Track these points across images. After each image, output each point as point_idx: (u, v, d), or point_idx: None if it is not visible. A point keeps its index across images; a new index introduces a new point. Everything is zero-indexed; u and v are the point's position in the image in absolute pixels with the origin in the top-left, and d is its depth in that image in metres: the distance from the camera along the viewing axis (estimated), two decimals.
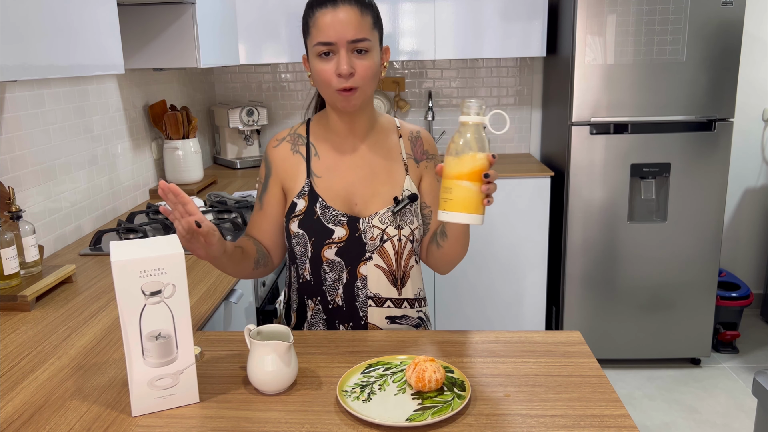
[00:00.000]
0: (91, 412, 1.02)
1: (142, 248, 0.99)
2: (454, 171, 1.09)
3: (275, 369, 1.04)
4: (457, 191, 1.09)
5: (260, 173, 1.38)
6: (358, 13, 1.20)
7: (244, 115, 3.30)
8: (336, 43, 1.19)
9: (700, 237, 3.01)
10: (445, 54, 3.19)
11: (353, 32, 1.19)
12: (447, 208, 1.10)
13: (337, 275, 1.33)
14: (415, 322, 1.40)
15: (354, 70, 1.20)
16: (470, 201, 1.09)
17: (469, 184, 1.08)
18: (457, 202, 1.09)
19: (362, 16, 1.20)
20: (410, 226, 1.32)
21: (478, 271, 3.22)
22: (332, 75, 1.21)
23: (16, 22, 1.25)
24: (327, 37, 1.19)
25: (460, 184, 1.09)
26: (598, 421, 0.97)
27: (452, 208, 1.10)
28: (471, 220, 1.10)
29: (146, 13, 2.32)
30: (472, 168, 1.08)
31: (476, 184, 1.08)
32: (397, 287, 1.35)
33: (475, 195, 1.09)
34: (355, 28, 1.19)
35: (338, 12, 1.19)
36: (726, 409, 2.79)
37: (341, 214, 1.30)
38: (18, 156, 1.84)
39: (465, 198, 1.09)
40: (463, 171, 1.08)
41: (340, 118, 1.31)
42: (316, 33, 1.21)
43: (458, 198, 1.09)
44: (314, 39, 1.21)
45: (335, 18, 1.19)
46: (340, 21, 1.18)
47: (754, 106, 3.58)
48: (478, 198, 1.09)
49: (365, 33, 1.21)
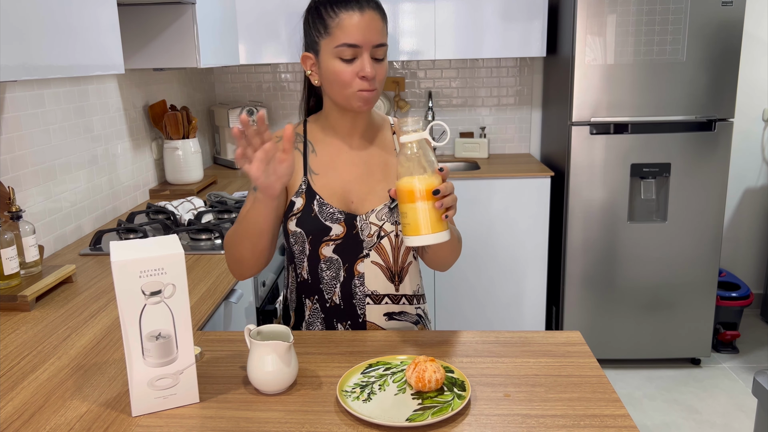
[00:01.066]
0: (91, 412, 1.02)
1: (142, 248, 0.99)
2: (406, 195, 1.08)
3: (275, 369, 1.04)
4: (412, 215, 1.08)
5: None
6: (381, 19, 1.23)
7: (245, 115, 3.29)
8: (362, 46, 1.20)
9: (700, 237, 3.01)
10: (445, 54, 3.19)
11: (378, 37, 1.21)
12: (407, 232, 1.09)
13: (335, 273, 1.33)
14: (414, 318, 1.40)
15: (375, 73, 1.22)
16: (427, 221, 1.07)
17: (422, 204, 1.07)
18: (414, 226, 1.08)
19: (383, 24, 1.24)
20: None
21: (478, 271, 3.22)
22: (353, 76, 1.22)
23: (17, 22, 1.25)
24: (354, 39, 1.19)
25: (413, 207, 1.07)
26: (598, 421, 0.97)
27: (411, 232, 1.08)
28: (433, 240, 1.08)
29: (146, 13, 2.32)
30: (420, 188, 1.07)
31: (429, 203, 1.07)
32: (395, 283, 1.36)
33: (430, 214, 1.07)
34: (378, 33, 1.21)
35: (365, 16, 1.20)
36: (726, 409, 2.79)
37: (338, 212, 1.31)
38: (18, 156, 1.84)
39: (421, 219, 1.07)
40: (413, 193, 1.07)
41: (343, 118, 1.32)
42: (340, 34, 1.20)
43: (414, 221, 1.08)
44: (338, 40, 1.20)
45: (362, 21, 1.20)
46: (367, 25, 1.20)
47: (754, 106, 3.58)
48: (435, 216, 1.07)
49: (385, 39, 1.24)
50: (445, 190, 1.07)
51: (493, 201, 3.13)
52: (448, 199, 1.08)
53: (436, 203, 1.07)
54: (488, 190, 3.12)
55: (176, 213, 2.20)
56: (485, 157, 3.53)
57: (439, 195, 1.07)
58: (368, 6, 1.21)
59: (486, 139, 3.53)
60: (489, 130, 3.67)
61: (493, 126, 3.66)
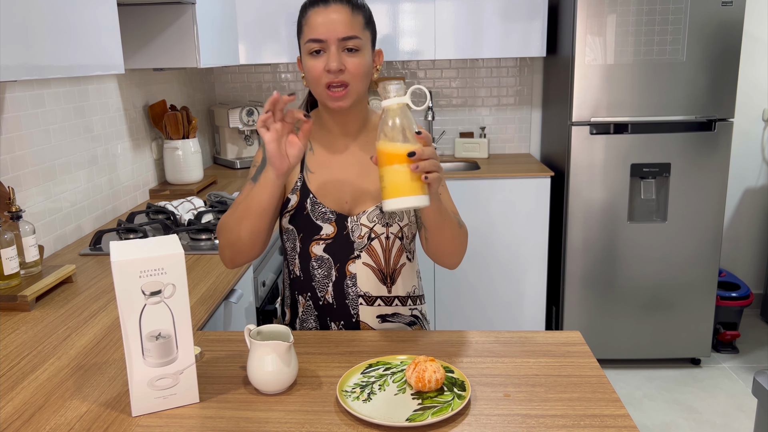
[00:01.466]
0: (91, 412, 1.02)
1: (142, 248, 0.99)
2: (383, 157, 1.07)
3: (275, 369, 1.04)
4: (388, 177, 1.06)
5: (256, 158, 1.37)
6: (350, 12, 1.22)
7: (244, 115, 3.30)
8: (326, 40, 1.21)
9: (700, 237, 3.01)
10: (445, 54, 3.19)
11: (344, 30, 1.21)
12: (384, 195, 1.08)
13: (326, 272, 1.34)
14: (408, 320, 1.40)
15: (344, 66, 1.22)
16: (403, 184, 1.05)
17: (398, 167, 1.05)
18: (390, 188, 1.06)
19: (353, 16, 1.23)
20: (399, 223, 1.33)
21: (478, 271, 3.22)
22: (322, 71, 1.22)
23: (17, 23, 1.25)
24: (318, 34, 1.21)
25: (389, 170, 1.06)
26: (598, 421, 0.97)
27: (387, 195, 1.07)
28: (408, 203, 1.06)
29: (146, 13, 2.32)
30: (398, 150, 1.05)
31: (405, 166, 1.05)
32: (387, 285, 1.36)
33: (406, 177, 1.05)
34: (345, 26, 1.21)
35: (329, 11, 1.21)
36: (726, 409, 2.79)
37: (330, 211, 1.31)
38: (18, 156, 1.84)
39: (397, 182, 1.06)
40: (390, 155, 1.06)
41: (332, 118, 1.32)
42: (307, 31, 1.23)
43: (390, 184, 1.06)
44: (306, 36, 1.23)
45: (326, 17, 1.21)
46: (331, 19, 1.21)
47: (754, 106, 3.58)
48: (411, 179, 1.05)
49: (356, 31, 1.22)
50: (422, 154, 1.05)
51: (493, 201, 3.13)
52: (426, 163, 1.05)
53: (411, 166, 1.05)
54: (488, 190, 3.12)
55: (176, 213, 2.20)
56: (485, 157, 3.53)
57: (414, 157, 1.05)
58: (335, 1, 1.22)
59: (486, 139, 3.53)
60: (489, 130, 3.67)
61: (493, 126, 3.66)
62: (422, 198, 1.07)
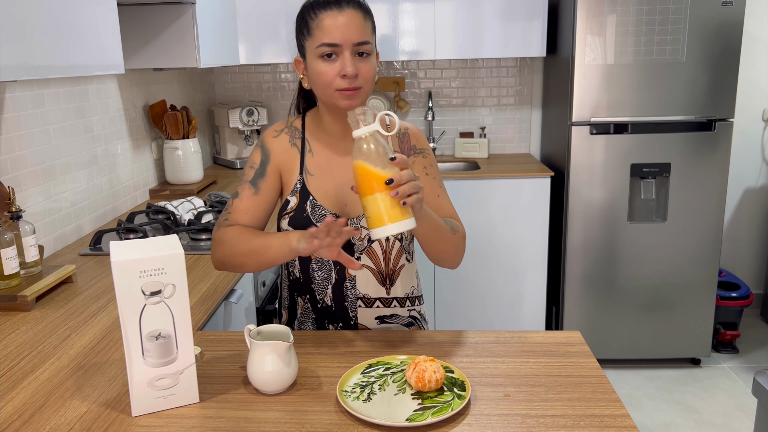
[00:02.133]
0: (91, 412, 1.02)
1: (142, 248, 0.99)
2: (362, 188, 1.06)
3: (275, 369, 1.04)
4: (370, 207, 1.06)
5: (253, 159, 1.35)
6: (362, 17, 1.22)
7: (244, 115, 3.30)
8: (341, 44, 1.20)
9: (700, 237, 3.01)
10: (445, 54, 3.19)
11: (358, 35, 1.21)
12: (369, 225, 1.07)
13: (326, 274, 1.34)
14: (406, 321, 1.40)
15: (358, 71, 1.22)
16: (386, 212, 1.05)
17: (379, 195, 1.05)
18: (375, 218, 1.06)
19: (365, 21, 1.23)
20: None
21: (478, 271, 3.22)
22: (335, 76, 1.22)
23: (17, 22, 1.25)
24: (332, 38, 1.20)
25: (370, 199, 1.06)
26: (598, 421, 0.97)
27: (373, 225, 1.07)
28: (394, 229, 1.06)
29: (146, 13, 2.32)
30: (374, 180, 1.05)
31: (385, 194, 1.05)
32: (386, 286, 1.36)
33: (386, 204, 1.05)
34: (359, 31, 1.21)
35: (344, 15, 1.20)
36: (726, 409, 2.79)
37: (330, 214, 1.31)
38: (18, 156, 1.84)
39: (379, 211, 1.05)
40: (369, 185, 1.06)
41: (335, 120, 1.32)
42: (320, 34, 1.21)
43: (374, 213, 1.06)
44: (318, 40, 1.21)
45: (341, 21, 1.20)
46: (346, 24, 1.20)
47: (754, 106, 3.58)
48: (393, 205, 1.05)
49: (368, 36, 1.23)
50: (400, 179, 1.05)
51: (493, 201, 3.13)
52: (405, 187, 1.05)
53: (391, 193, 1.05)
54: (488, 190, 3.12)
55: (176, 213, 2.20)
56: (485, 157, 3.53)
57: (393, 184, 1.04)
58: (348, 5, 1.21)
59: (486, 139, 3.53)
60: (489, 130, 3.67)
61: (493, 126, 3.66)
62: (408, 222, 1.06)
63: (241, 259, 1.24)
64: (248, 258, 1.24)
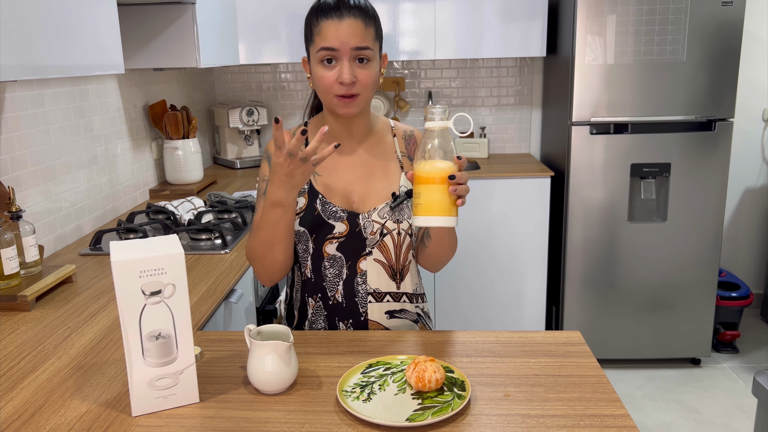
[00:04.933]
0: (91, 412, 1.02)
1: (142, 248, 0.99)
2: (422, 176, 1.12)
3: (275, 369, 1.04)
4: (425, 195, 1.12)
5: (262, 172, 1.38)
6: (363, 24, 1.23)
7: (244, 115, 3.30)
8: (339, 49, 1.22)
9: (700, 237, 3.01)
10: (445, 54, 3.19)
11: (357, 40, 1.22)
12: (418, 212, 1.13)
13: (338, 271, 1.34)
14: (414, 317, 1.41)
15: (356, 78, 1.23)
16: (439, 204, 1.11)
17: (437, 187, 1.11)
18: (426, 206, 1.12)
19: (366, 28, 1.24)
20: (408, 220, 1.36)
21: (478, 271, 3.22)
22: (334, 82, 1.24)
23: (17, 22, 1.25)
24: (331, 43, 1.22)
25: (428, 188, 1.12)
26: (598, 421, 0.97)
27: (422, 212, 1.12)
28: (442, 222, 1.12)
29: (146, 13, 2.32)
30: (438, 171, 1.11)
31: (444, 187, 1.11)
32: (396, 281, 1.37)
33: (443, 198, 1.11)
34: (359, 36, 1.22)
35: (343, 22, 1.22)
36: (726, 409, 2.79)
37: (341, 210, 1.32)
38: (18, 156, 1.84)
39: (434, 201, 1.11)
40: (430, 175, 1.11)
41: (338, 122, 1.34)
42: (319, 40, 1.23)
43: (427, 202, 1.12)
44: (317, 45, 1.24)
45: (340, 27, 1.22)
46: (345, 29, 1.22)
47: (754, 106, 3.58)
48: (448, 200, 1.11)
49: (368, 42, 1.24)
50: (460, 178, 1.11)
51: (493, 201, 3.13)
52: (462, 187, 1.11)
53: (450, 188, 1.10)
54: (488, 190, 3.12)
55: (176, 213, 2.20)
56: (485, 157, 3.53)
57: (454, 180, 1.10)
58: (349, 13, 1.22)
59: (486, 139, 3.53)
60: (489, 130, 3.67)
61: (493, 126, 3.66)
62: (453, 219, 1.13)
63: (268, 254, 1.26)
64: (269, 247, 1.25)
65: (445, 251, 1.33)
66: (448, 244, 1.31)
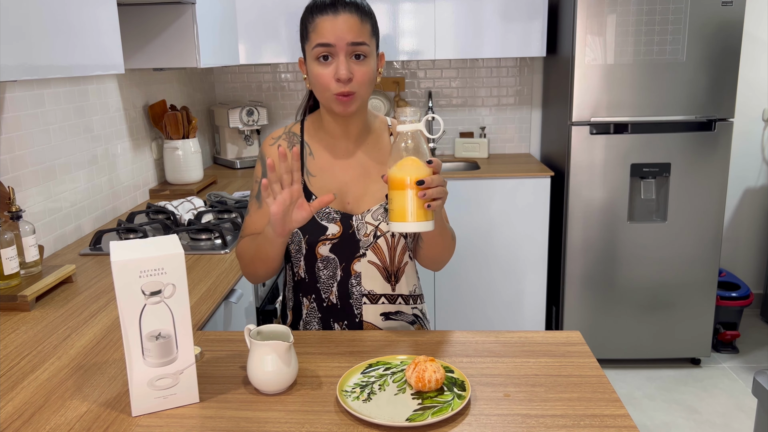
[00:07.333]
0: (91, 412, 1.02)
1: (142, 248, 0.99)
2: (393, 181, 1.10)
3: (275, 369, 1.04)
4: (397, 201, 1.10)
5: (256, 173, 1.38)
6: (358, 20, 1.23)
7: (244, 115, 3.30)
8: (335, 45, 1.21)
9: (700, 237, 3.01)
10: (445, 54, 3.19)
11: (352, 35, 1.21)
12: (391, 218, 1.12)
13: (332, 272, 1.34)
14: (410, 318, 1.40)
15: (352, 75, 1.22)
16: (410, 209, 1.09)
17: (406, 192, 1.09)
18: (398, 212, 1.10)
19: (362, 23, 1.23)
20: None
21: (478, 271, 3.22)
22: (330, 79, 1.23)
23: (17, 22, 1.25)
24: (326, 39, 1.21)
25: (399, 194, 1.10)
26: (598, 421, 0.97)
27: (395, 218, 1.11)
28: (413, 228, 1.10)
29: (146, 13, 2.32)
30: (408, 176, 1.09)
31: (414, 192, 1.09)
32: (391, 283, 1.36)
33: (414, 203, 1.09)
34: (354, 32, 1.22)
35: (338, 18, 1.21)
36: (726, 409, 2.79)
37: (334, 212, 1.32)
38: (18, 156, 1.84)
39: (404, 207, 1.10)
40: (399, 180, 1.09)
41: (335, 121, 1.33)
42: (315, 36, 1.23)
43: (399, 208, 1.10)
44: (313, 42, 1.23)
45: (336, 23, 1.21)
46: (340, 25, 1.21)
47: (754, 106, 3.58)
48: (418, 206, 1.09)
49: (364, 38, 1.23)
50: (431, 182, 1.09)
51: (493, 201, 3.13)
52: (433, 190, 1.09)
53: (419, 193, 1.08)
54: (488, 190, 3.12)
55: (176, 213, 2.20)
56: (485, 157, 3.53)
57: (423, 186, 1.08)
58: (344, 9, 1.22)
59: (486, 139, 3.53)
60: (489, 130, 3.67)
61: (493, 126, 3.66)
62: (427, 224, 1.11)
63: (255, 265, 1.29)
64: (257, 263, 1.28)
65: (439, 251, 1.32)
66: (441, 244, 1.29)
